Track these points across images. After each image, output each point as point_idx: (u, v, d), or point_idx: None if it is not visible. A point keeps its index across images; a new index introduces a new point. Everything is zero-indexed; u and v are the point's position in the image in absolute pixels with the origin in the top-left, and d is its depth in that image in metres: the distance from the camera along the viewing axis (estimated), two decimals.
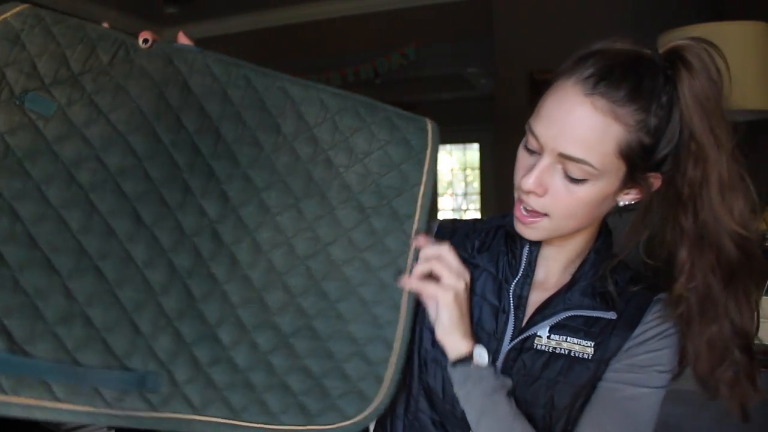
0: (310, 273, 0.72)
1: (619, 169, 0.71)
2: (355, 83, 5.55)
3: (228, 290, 0.70)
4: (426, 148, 0.77)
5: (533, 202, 0.73)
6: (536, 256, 0.82)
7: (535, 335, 0.78)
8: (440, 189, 7.84)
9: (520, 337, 0.78)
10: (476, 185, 7.74)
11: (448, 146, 7.72)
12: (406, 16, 4.85)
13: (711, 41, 0.71)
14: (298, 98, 0.74)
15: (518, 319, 0.80)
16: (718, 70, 0.70)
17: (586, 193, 0.71)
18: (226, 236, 0.70)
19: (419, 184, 0.76)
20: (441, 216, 7.71)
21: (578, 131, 0.68)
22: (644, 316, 0.78)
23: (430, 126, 0.78)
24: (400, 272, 0.76)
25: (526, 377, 0.77)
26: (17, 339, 0.60)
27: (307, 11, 5.42)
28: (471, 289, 0.82)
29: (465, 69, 5.72)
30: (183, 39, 0.76)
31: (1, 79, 0.66)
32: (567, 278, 0.82)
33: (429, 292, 0.75)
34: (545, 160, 0.71)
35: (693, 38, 0.71)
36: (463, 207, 7.91)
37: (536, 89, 4.01)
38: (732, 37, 1.78)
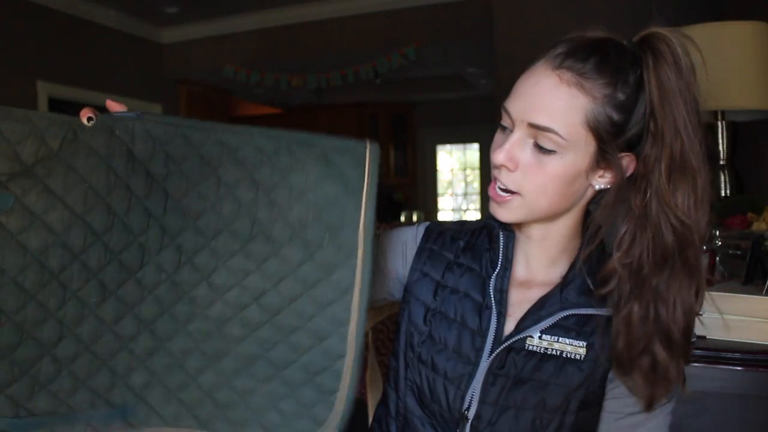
0: (263, 309, 0.76)
1: (588, 142, 0.71)
2: (355, 83, 5.55)
3: (191, 329, 0.77)
4: (363, 178, 0.75)
5: (504, 177, 0.74)
6: (512, 249, 0.82)
7: (526, 337, 0.77)
8: (440, 189, 7.84)
9: (514, 338, 0.77)
10: (476, 185, 7.75)
11: (448, 146, 7.73)
12: (406, 16, 4.85)
13: (688, 35, 0.73)
14: (234, 146, 0.75)
15: (501, 314, 0.79)
16: (690, 63, 0.71)
17: (556, 166, 0.72)
18: (185, 284, 0.77)
19: (359, 215, 0.75)
20: (441, 216, 7.71)
21: (545, 101, 0.71)
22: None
23: (368, 151, 0.76)
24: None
25: (516, 378, 0.76)
26: (20, 402, 0.73)
27: (307, 11, 5.42)
28: (455, 289, 0.83)
29: (465, 69, 5.73)
30: (114, 106, 0.76)
31: None
32: (554, 276, 0.81)
33: None
34: (516, 134, 0.73)
35: (671, 30, 0.74)
36: (463, 207, 7.91)
37: None
38: (732, 37, 1.78)
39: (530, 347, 0.77)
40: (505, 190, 0.75)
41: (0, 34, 4.52)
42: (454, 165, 7.93)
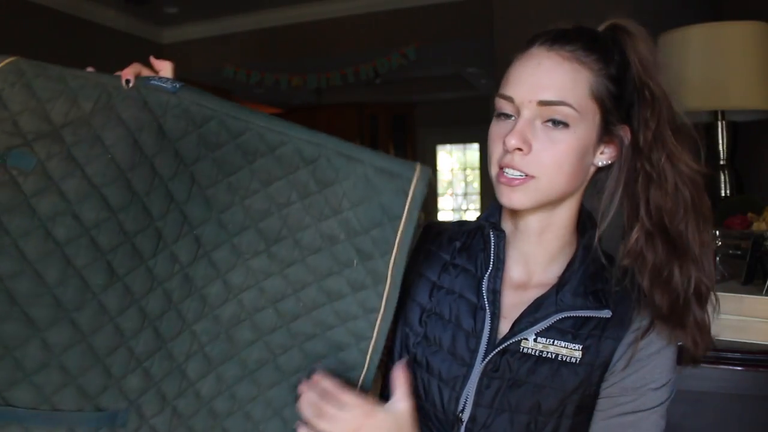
0: (280, 314, 0.73)
1: (594, 113, 0.74)
2: (355, 83, 5.55)
3: (197, 330, 0.72)
4: (403, 209, 0.69)
5: (519, 161, 0.73)
6: (504, 248, 0.81)
7: (521, 339, 0.76)
8: (440, 189, 7.84)
9: (509, 341, 0.76)
10: (476, 185, 7.75)
11: (448, 146, 7.72)
12: (406, 16, 4.85)
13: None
14: (274, 143, 0.71)
15: (495, 315, 0.79)
16: (650, 38, 0.79)
17: (569, 141, 0.73)
18: (198, 280, 0.72)
19: (392, 248, 0.70)
20: (441, 216, 7.71)
21: (552, 78, 0.73)
22: (632, 321, 0.76)
23: (415, 178, 0.70)
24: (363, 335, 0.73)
25: (511, 381, 0.76)
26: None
27: (307, 11, 5.42)
28: (450, 289, 0.82)
29: (465, 69, 5.73)
30: (158, 65, 0.73)
31: None
32: (551, 277, 0.80)
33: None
34: (525, 115, 0.73)
35: (627, 19, 0.81)
36: (463, 207, 7.91)
37: None
38: (732, 37, 1.78)
39: (525, 350, 0.76)
40: (520, 176, 0.74)
41: (0, 34, 4.52)
42: (454, 165, 7.93)
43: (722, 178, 1.89)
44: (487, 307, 0.79)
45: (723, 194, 1.88)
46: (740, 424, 1.11)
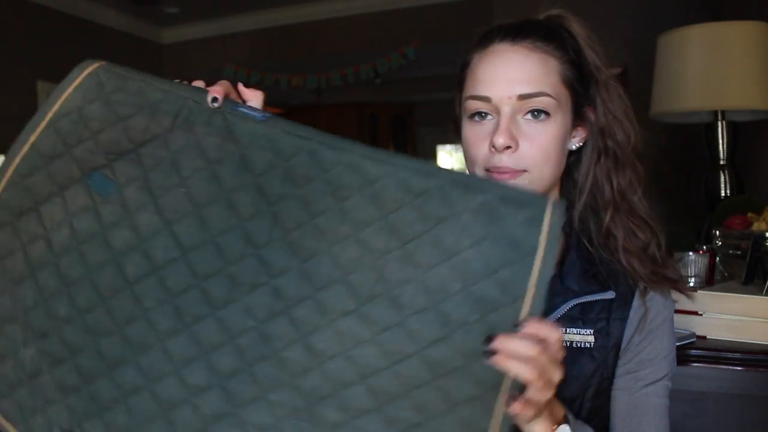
0: (373, 392, 0.58)
1: (567, 99, 0.76)
2: (355, 83, 5.55)
3: (273, 399, 0.60)
4: (537, 245, 0.55)
5: (508, 159, 0.73)
6: None
7: None
8: None
9: None
10: None
11: (448, 146, 7.72)
12: (406, 16, 4.85)
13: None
14: (372, 176, 0.59)
15: None
16: (586, 26, 0.81)
17: (552, 130, 0.74)
18: (276, 340, 0.60)
19: (522, 297, 0.55)
20: None
21: (525, 71, 0.74)
22: (634, 297, 0.79)
23: (549, 210, 0.56)
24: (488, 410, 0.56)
25: None
26: (77, 418, 0.65)
27: (307, 11, 5.41)
28: None
29: None
30: (247, 94, 0.67)
31: (70, 161, 0.67)
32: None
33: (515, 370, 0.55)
34: (506, 112, 0.73)
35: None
36: None
37: None
38: (732, 37, 1.78)
39: None
40: (509, 173, 0.74)
41: (0, 34, 4.52)
42: (454, 165, 7.93)
43: (722, 178, 1.89)
44: None
45: (723, 194, 1.88)
46: (740, 424, 1.11)
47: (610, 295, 0.77)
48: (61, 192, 0.69)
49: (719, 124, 1.88)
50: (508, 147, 0.72)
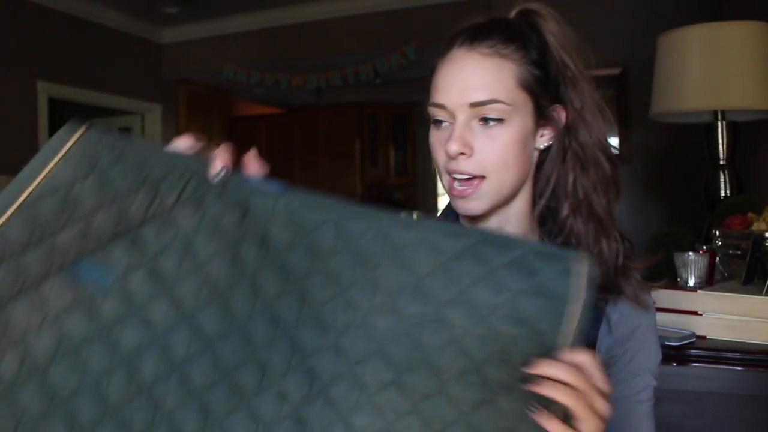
0: None
1: (526, 102, 0.75)
2: (355, 83, 5.55)
3: None
4: (567, 299, 0.54)
5: (464, 165, 0.74)
6: None
7: None
8: (440, 189, 7.83)
9: None
10: None
11: None
12: (406, 16, 4.85)
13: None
14: (402, 242, 0.58)
15: None
16: (561, 18, 0.81)
17: (507, 134, 0.74)
18: (314, 423, 0.57)
19: (559, 348, 0.55)
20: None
21: (478, 78, 0.74)
22: (608, 300, 0.77)
23: (581, 265, 0.55)
24: None
25: None
26: None
27: (307, 11, 5.41)
28: None
29: None
30: (252, 166, 0.61)
31: (50, 250, 0.56)
32: None
33: (581, 414, 0.54)
34: (460, 120, 0.74)
35: (537, 2, 0.81)
36: None
37: None
38: (732, 37, 1.78)
39: None
40: (469, 180, 0.75)
41: (0, 34, 4.52)
42: None
43: (722, 178, 1.89)
44: None
45: (723, 194, 1.88)
46: (740, 424, 1.11)
47: None
48: (37, 289, 0.57)
49: (719, 124, 1.88)
50: (462, 153, 0.74)
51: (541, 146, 0.79)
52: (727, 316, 1.14)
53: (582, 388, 0.53)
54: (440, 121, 0.77)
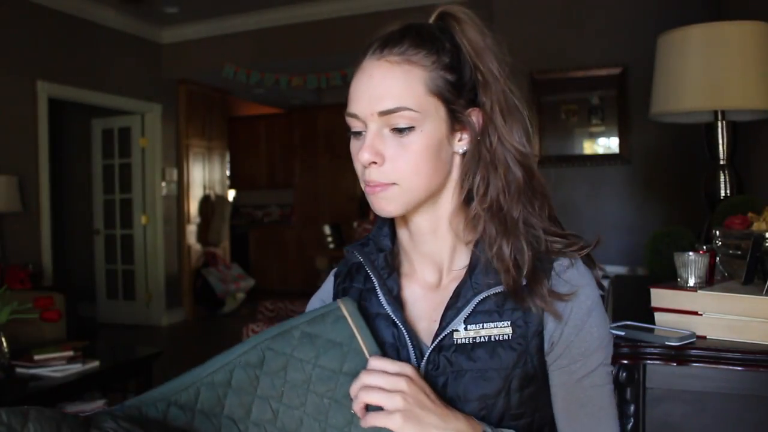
0: None
1: (437, 108, 0.75)
2: None
3: None
4: (354, 335, 0.73)
5: (376, 174, 0.75)
6: (391, 257, 0.84)
7: (452, 331, 0.77)
8: None
9: (440, 336, 0.77)
10: None
11: None
12: (407, 16, 4.84)
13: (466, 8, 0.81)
14: (237, 384, 0.74)
15: (402, 318, 0.80)
16: (480, 22, 0.80)
17: (418, 141, 0.74)
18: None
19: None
20: None
21: (385, 87, 0.74)
22: (550, 279, 0.77)
23: (342, 306, 0.74)
24: None
25: (454, 374, 0.77)
26: None
27: (307, 11, 5.42)
28: (371, 314, 0.83)
29: None
30: None
31: None
32: (462, 265, 0.81)
33: (378, 421, 0.69)
34: (371, 129, 0.75)
35: (456, 5, 0.81)
36: None
37: (536, 89, 4.02)
38: (732, 37, 1.78)
39: (459, 340, 0.77)
40: (381, 184, 0.76)
41: (0, 34, 4.52)
42: None
43: (722, 178, 1.89)
44: (392, 313, 0.80)
45: (723, 194, 1.88)
46: (740, 424, 1.11)
47: (501, 288, 0.77)
48: None
49: (719, 124, 1.88)
50: (374, 162, 0.75)
51: (460, 150, 0.79)
52: (727, 316, 1.14)
53: (382, 385, 0.69)
54: (357, 132, 0.78)
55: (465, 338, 0.77)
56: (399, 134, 0.75)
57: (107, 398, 2.95)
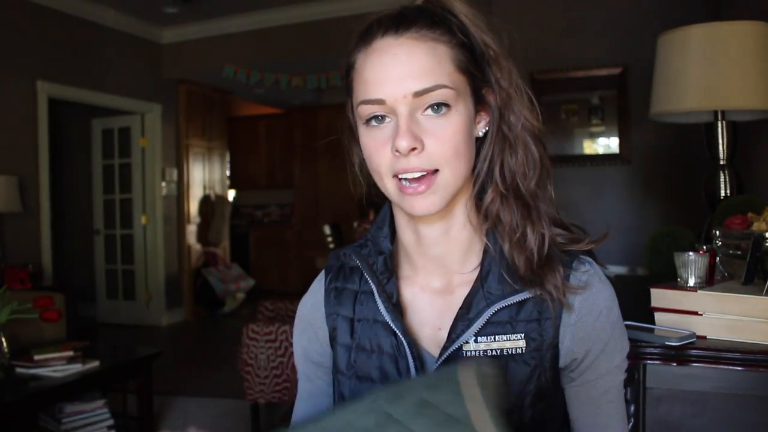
0: None
1: (465, 85, 0.71)
2: None
3: None
4: (469, 414, 0.59)
5: (415, 162, 0.68)
6: (390, 260, 0.78)
7: (461, 344, 0.72)
8: None
9: (449, 350, 0.72)
10: None
11: None
12: None
13: None
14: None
15: (401, 328, 0.74)
16: (469, 3, 0.75)
17: (456, 121, 0.69)
18: None
19: None
20: None
21: (416, 65, 0.67)
22: (567, 291, 0.72)
23: (460, 379, 0.60)
24: None
25: None
26: None
27: (307, 11, 5.42)
28: (366, 318, 0.78)
29: None
30: None
31: None
32: (471, 271, 0.76)
33: None
34: (403, 113, 0.68)
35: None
36: None
37: (536, 89, 4.02)
38: (732, 37, 1.78)
39: (468, 353, 0.72)
40: (420, 177, 0.69)
41: (0, 34, 4.52)
42: None
43: (722, 178, 1.89)
44: (390, 321, 0.75)
45: (723, 194, 1.88)
46: (740, 424, 1.11)
47: (521, 296, 0.72)
48: None
49: (719, 124, 1.88)
50: (414, 149, 0.67)
51: (480, 133, 0.75)
52: (727, 316, 1.14)
53: None
54: (378, 118, 0.70)
55: (475, 351, 0.72)
56: (435, 116, 0.68)
57: (107, 398, 2.95)
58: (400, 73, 0.67)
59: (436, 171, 0.69)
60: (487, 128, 0.75)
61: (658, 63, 1.91)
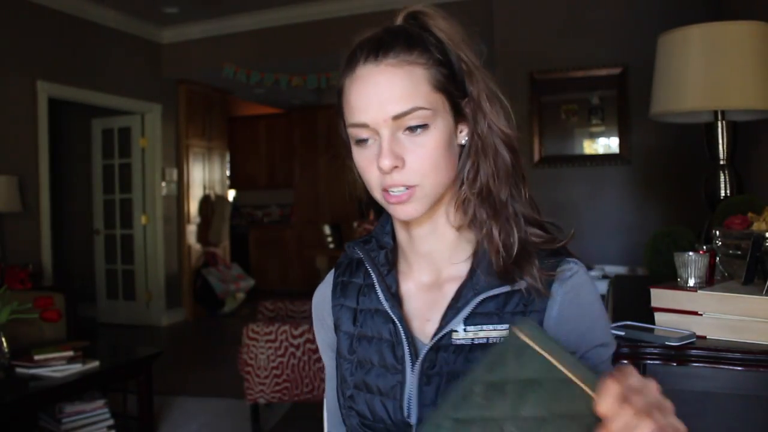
0: None
1: (443, 102, 0.77)
2: None
3: None
4: (550, 363, 0.59)
5: (398, 177, 0.75)
6: (391, 254, 0.86)
7: (451, 331, 0.78)
8: None
9: (438, 336, 0.78)
10: None
11: None
12: None
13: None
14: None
15: (399, 315, 0.81)
16: (446, 14, 0.82)
17: (434, 138, 0.76)
18: None
19: (578, 387, 0.58)
20: None
21: (395, 90, 0.74)
22: (553, 284, 0.78)
23: (519, 333, 0.60)
24: None
25: (450, 375, 0.77)
26: None
27: (307, 11, 5.41)
28: (369, 309, 0.85)
29: None
30: None
31: None
32: (460, 266, 0.83)
33: None
34: (385, 134, 0.75)
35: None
36: None
37: (536, 89, 4.02)
38: (732, 37, 1.78)
39: (457, 341, 0.78)
40: (403, 191, 0.77)
41: (0, 34, 4.52)
42: None
43: (722, 178, 1.89)
44: (389, 310, 0.82)
45: (723, 194, 1.88)
46: (740, 424, 1.11)
47: (504, 288, 0.77)
48: None
49: (719, 124, 1.88)
50: (396, 167, 0.75)
51: (463, 141, 0.81)
52: (727, 316, 1.14)
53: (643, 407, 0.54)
54: (364, 140, 0.77)
55: (463, 339, 0.77)
56: (413, 135, 0.75)
57: (107, 398, 2.95)
58: (381, 99, 0.75)
59: (416, 186, 0.76)
60: (468, 137, 0.81)
61: (658, 63, 1.91)
